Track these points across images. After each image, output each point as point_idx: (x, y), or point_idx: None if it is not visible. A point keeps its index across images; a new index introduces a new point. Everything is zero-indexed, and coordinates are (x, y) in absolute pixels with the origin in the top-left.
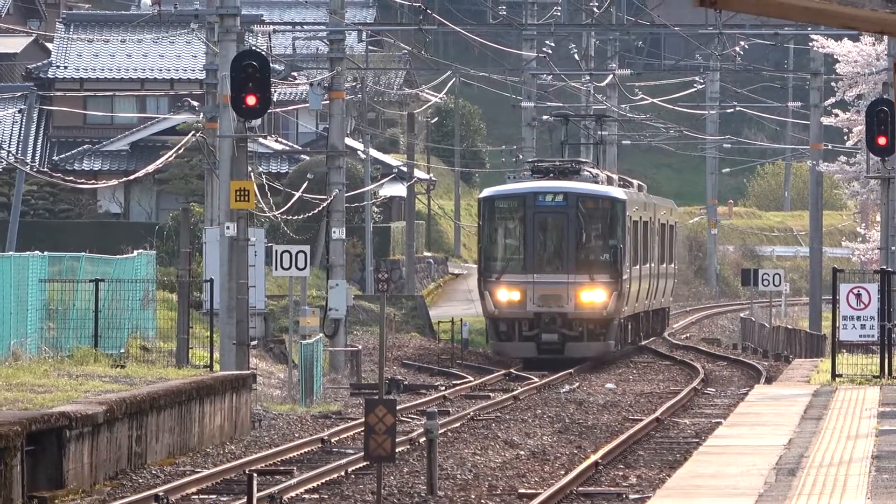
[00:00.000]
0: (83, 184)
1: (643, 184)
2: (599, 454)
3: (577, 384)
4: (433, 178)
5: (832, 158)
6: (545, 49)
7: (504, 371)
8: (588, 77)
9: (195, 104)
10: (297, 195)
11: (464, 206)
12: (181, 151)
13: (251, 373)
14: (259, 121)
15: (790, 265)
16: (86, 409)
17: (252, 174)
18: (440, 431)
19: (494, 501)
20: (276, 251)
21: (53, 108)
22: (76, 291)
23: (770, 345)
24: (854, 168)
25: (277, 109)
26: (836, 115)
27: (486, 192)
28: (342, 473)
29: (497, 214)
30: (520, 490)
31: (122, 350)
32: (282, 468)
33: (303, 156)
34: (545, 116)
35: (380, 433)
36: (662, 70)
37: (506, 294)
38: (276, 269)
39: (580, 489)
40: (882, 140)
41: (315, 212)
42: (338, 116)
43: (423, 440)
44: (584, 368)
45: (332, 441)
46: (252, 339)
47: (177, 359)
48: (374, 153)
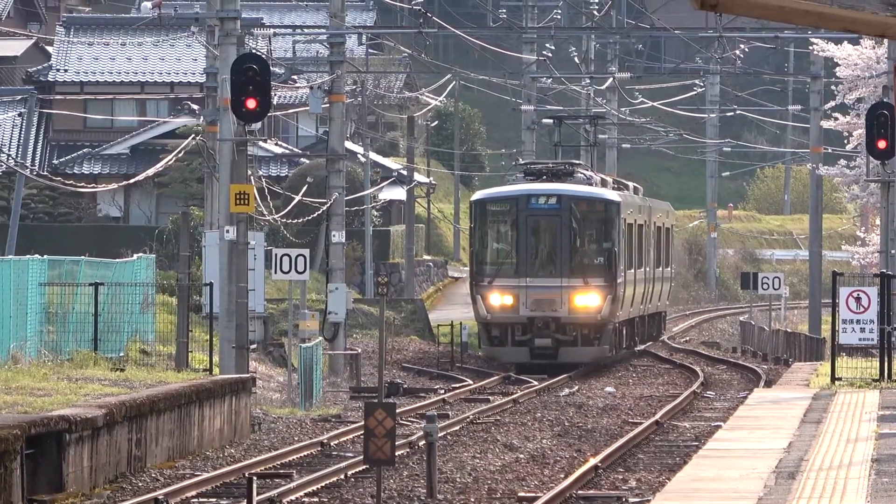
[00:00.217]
0: (83, 187)
1: (638, 186)
2: (599, 458)
3: (577, 387)
4: (433, 182)
5: (832, 162)
6: (545, 52)
7: (503, 374)
8: (588, 80)
9: (195, 108)
10: (297, 199)
11: (463, 210)
12: (181, 155)
13: (251, 376)
14: (259, 124)
15: (790, 269)
16: (85, 413)
17: (252, 178)
18: (440, 435)
19: None
20: (276, 255)
21: (53, 112)
22: (76, 295)
23: (769, 348)
24: (854, 172)
25: (277, 113)
26: (836, 119)
27: (478, 195)
28: (342, 477)
29: (489, 217)
30: (519, 493)
31: (122, 353)
32: (281, 471)
33: (303, 159)
34: (544, 120)
35: (379, 436)
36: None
37: (498, 298)
38: (276, 273)
39: (580, 493)
40: (882, 143)
41: (315, 215)
42: (338, 120)
43: (423, 443)
44: (580, 373)
45: (332, 444)
46: (251, 343)
47: (176, 362)
48: (374, 157)
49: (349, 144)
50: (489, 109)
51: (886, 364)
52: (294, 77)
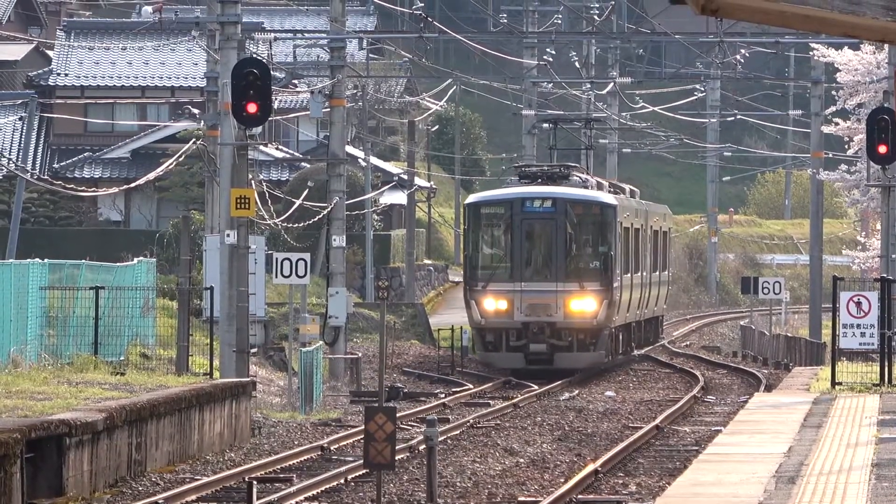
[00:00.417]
0: (83, 191)
1: (635, 189)
2: (599, 462)
3: (577, 392)
4: (433, 186)
5: (833, 167)
6: (546, 57)
7: (504, 378)
8: (589, 85)
9: (196, 112)
10: (298, 203)
11: (464, 214)
12: (182, 159)
13: (251, 380)
14: (260, 128)
15: (790, 273)
16: (85, 417)
17: (252, 182)
18: (440, 439)
19: None
20: (277, 259)
21: (54, 116)
22: (76, 299)
23: (770, 353)
24: (854, 176)
25: (278, 117)
26: (837, 124)
27: (472, 198)
28: (342, 481)
29: (483, 221)
30: (519, 498)
31: (122, 357)
32: (281, 476)
33: (303, 163)
34: (544, 124)
35: (379, 441)
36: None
37: (492, 303)
38: (277, 277)
39: (580, 497)
40: (882, 148)
41: (315, 219)
42: (338, 124)
43: (423, 448)
44: (580, 378)
45: (332, 448)
46: (252, 347)
47: (177, 366)
48: (375, 161)
49: (350, 149)
50: (490, 114)
51: (887, 369)
52: (295, 81)
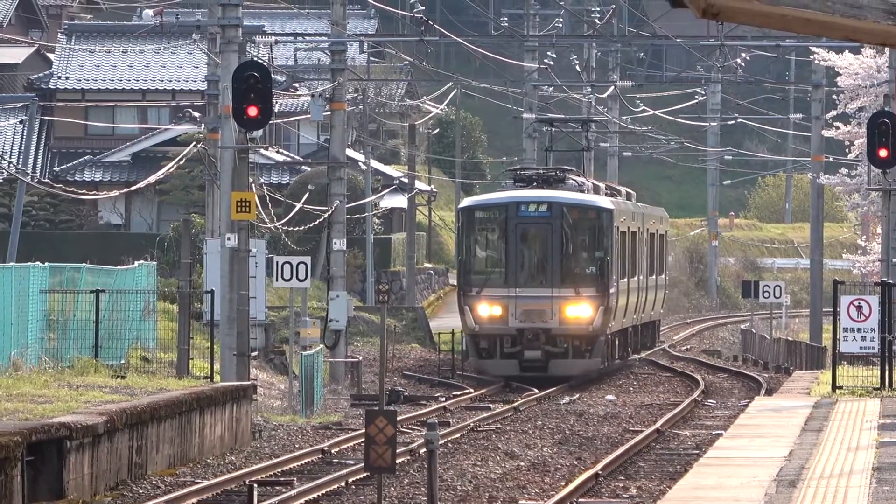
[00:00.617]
0: (84, 195)
1: (631, 192)
2: (600, 465)
3: (578, 396)
4: (434, 190)
5: (833, 171)
6: (546, 60)
7: (504, 382)
8: (589, 88)
9: (196, 115)
10: (298, 206)
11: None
12: (182, 162)
13: (251, 383)
14: (260, 132)
15: (791, 277)
16: (86, 420)
17: (253, 185)
18: (441, 442)
19: None
20: (277, 262)
21: (55, 119)
22: (77, 302)
23: (770, 357)
24: (855, 180)
25: (279, 120)
26: (838, 128)
27: (466, 202)
28: (342, 484)
29: (477, 225)
30: (520, 501)
31: (123, 361)
32: (282, 479)
33: (304, 167)
34: (535, 123)
35: (380, 444)
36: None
37: (486, 309)
38: (277, 280)
39: (580, 500)
40: (883, 152)
41: (316, 223)
42: (339, 127)
43: (424, 451)
44: (580, 381)
45: (333, 452)
46: (252, 350)
47: (177, 369)
48: (375, 164)
49: (350, 152)
50: (490, 117)
51: (887, 373)
52: (295, 85)
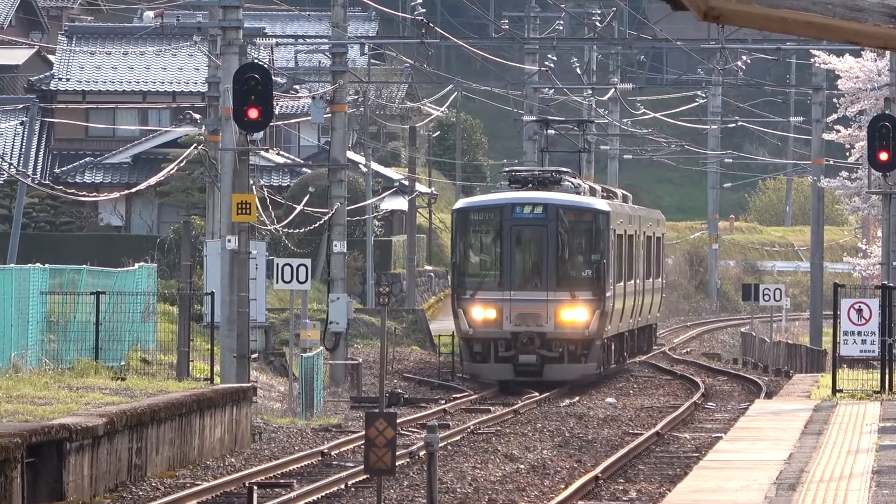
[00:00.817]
0: (85, 196)
1: (628, 194)
2: (600, 468)
3: (578, 398)
4: (434, 192)
5: (834, 174)
6: (547, 63)
7: (499, 387)
8: (590, 91)
9: (197, 117)
10: (299, 208)
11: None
12: (183, 164)
13: (251, 386)
14: (261, 134)
15: (791, 280)
16: (86, 422)
17: (253, 187)
18: (440, 445)
19: None
20: (277, 264)
21: (55, 121)
22: (77, 304)
23: (770, 360)
24: (855, 184)
25: (279, 122)
26: (838, 131)
27: (460, 204)
28: (342, 487)
29: (472, 227)
30: None
31: (123, 362)
32: (282, 481)
33: (304, 169)
34: (529, 122)
35: (380, 446)
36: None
37: (481, 312)
38: (277, 283)
39: (580, 503)
40: (884, 156)
41: (316, 225)
42: (339, 130)
43: (424, 453)
44: (580, 384)
45: (333, 454)
46: (253, 352)
47: (177, 371)
48: (376, 167)
49: (351, 154)
50: (491, 120)
51: (887, 376)
52: (296, 87)
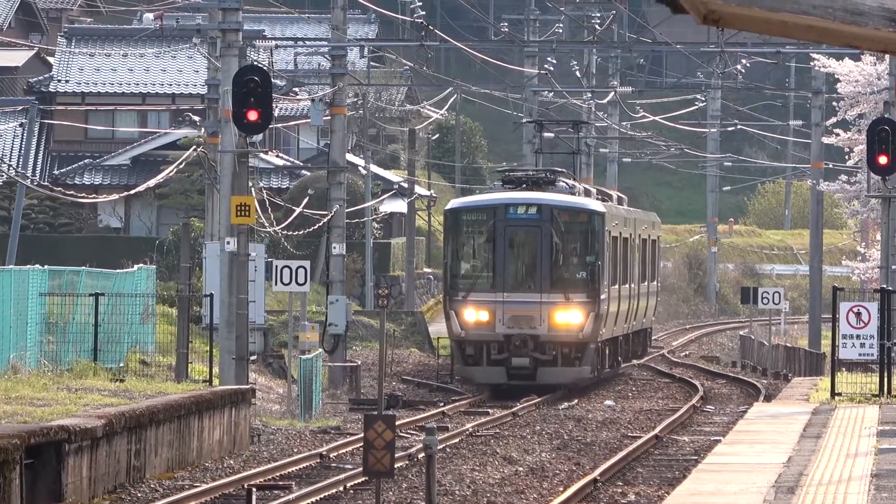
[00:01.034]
0: (84, 198)
1: (623, 195)
2: (598, 471)
3: (576, 401)
4: (434, 195)
5: (833, 177)
6: (547, 66)
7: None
8: (589, 94)
9: (196, 119)
10: (298, 211)
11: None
12: (182, 166)
13: (250, 387)
14: (260, 136)
15: (790, 283)
16: (85, 423)
17: (253, 189)
18: (439, 447)
19: None
20: (277, 266)
21: (54, 122)
22: (76, 305)
23: (769, 363)
24: (855, 187)
25: (279, 125)
26: (838, 135)
27: (453, 204)
28: (341, 489)
29: (464, 228)
30: None
31: (122, 364)
32: (280, 483)
33: (304, 171)
34: (524, 123)
35: (379, 448)
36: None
37: (473, 314)
38: (276, 285)
39: None
40: (883, 159)
41: (315, 227)
42: (339, 132)
43: (422, 456)
44: (580, 386)
45: (331, 456)
46: (251, 354)
47: (176, 373)
48: (375, 169)
49: (350, 157)
50: (490, 123)
51: (886, 379)
52: (295, 89)
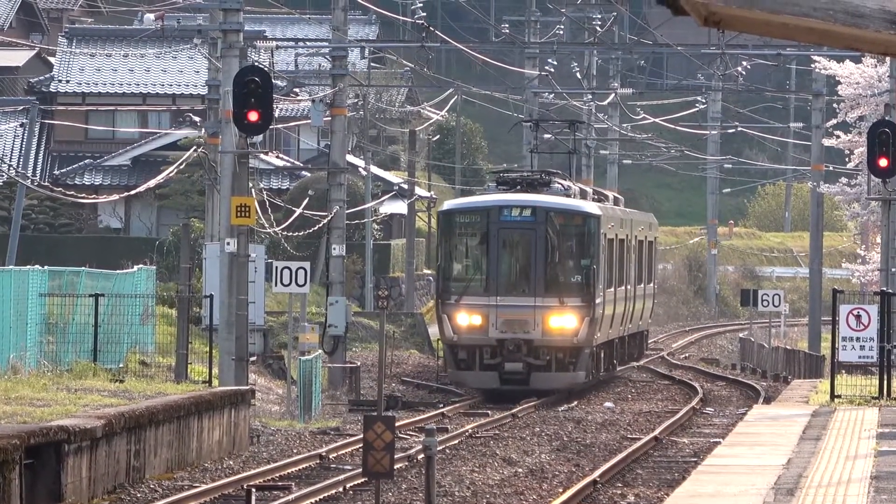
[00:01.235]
0: (84, 198)
1: (619, 196)
2: (598, 473)
3: (576, 403)
4: (434, 196)
5: (833, 180)
6: (547, 67)
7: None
8: (590, 96)
9: (197, 119)
10: (298, 211)
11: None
12: (182, 167)
13: (250, 388)
14: (261, 137)
15: (790, 286)
16: (84, 424)
17: (253, 190)
18: (438, 448)
19: None
20: (277, 267)
21: (55, 123)
22: (76, 306)
23: (769, 365)
24: (855, 189)
25: (279, 125)
26: (838, 137)
27: (446, 206)
28: (340, 489)
29: (457, 230)
30: None
31: (121, 365)
32: (280, 484)
33: (304, 172)
34: (522, 123)
35: (378, 449)
36: (664, 89)
37: (466, 318)
38: (276, 286)
39: None
40: (883, 162)
41: (315, 228)
42: (339, 133)
43: (422, 457)
44: (579, 388)
45: (331, 457)
46: (251, 355)
47: (176, 374)
48: (375, 170)
49: (350, 158)
50: (491, 124)
51: (886, 382)
52: (296, 90)
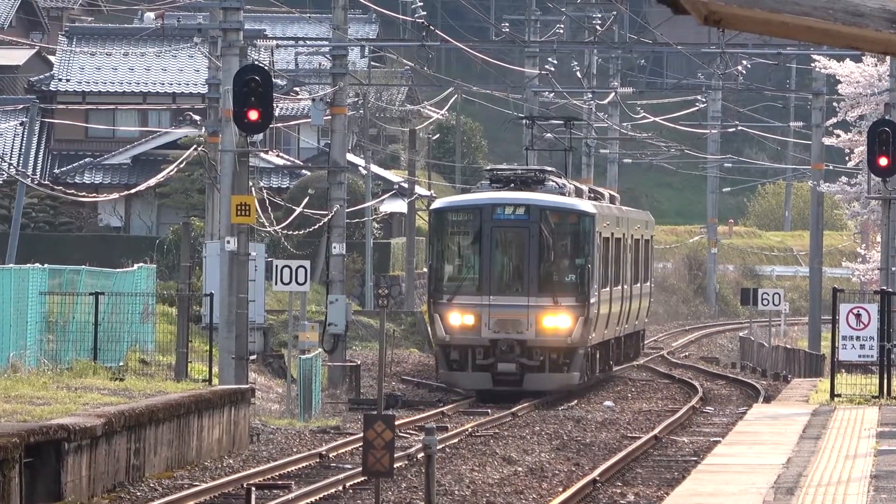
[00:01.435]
0: (84, 197)
1: (615, 194)
2: (598, 471)
3: (575, 402)
4: (434, 195)
5: (833, 179)
6: (547, 66)
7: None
8: (590, 95)
9: (197, 118)
10: (298, 210)
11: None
12: (182, 165)
13: (250, 387)
14: (261, 135)
15: (790, 285)
16: (84, 422)
17: (253, 189)
18: (438, 447)
19: None
20: (277, 266)
21: (55, 121)
22: (76, 304)
23: (769, 364)
24: (855, 189)
25: (279, 124)
26: (838, 136)
27: (438, 204)
28: (340, 488)
29: (450, 228)
30: None
31: (121, 363)
32: (280, 482)
33: (304, 171)
34: (518, 121)
35: (378, 448)
36: (664, 89)
37: (458, 318)
38: (276, 284)
39: None
40: (883, 161)
41: (316, 227)
42: (339, 132)
43: (422, 456)
44: (579, 387)
45: (331, 456)
46: (251, 354)
47: (176, 372)
48: (376, 169)
49: (350, 157)
50: (491, 123)
51: (886, 381)
52: (296, 89)
